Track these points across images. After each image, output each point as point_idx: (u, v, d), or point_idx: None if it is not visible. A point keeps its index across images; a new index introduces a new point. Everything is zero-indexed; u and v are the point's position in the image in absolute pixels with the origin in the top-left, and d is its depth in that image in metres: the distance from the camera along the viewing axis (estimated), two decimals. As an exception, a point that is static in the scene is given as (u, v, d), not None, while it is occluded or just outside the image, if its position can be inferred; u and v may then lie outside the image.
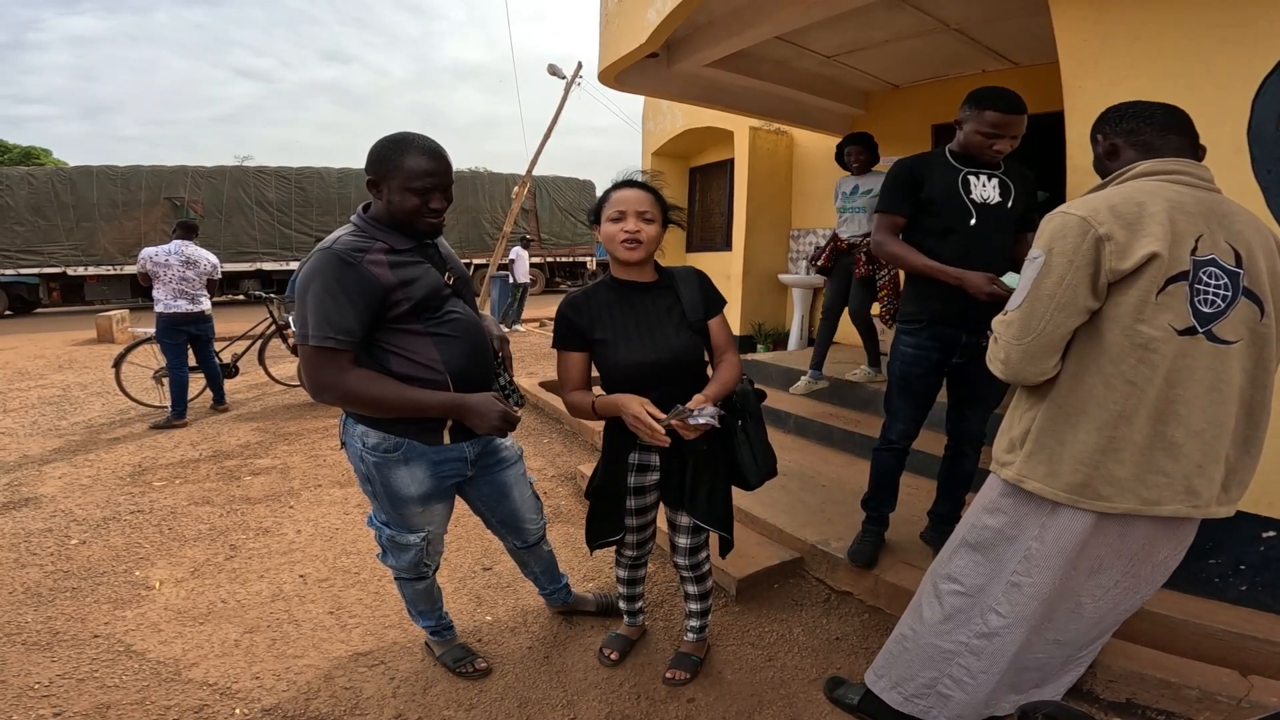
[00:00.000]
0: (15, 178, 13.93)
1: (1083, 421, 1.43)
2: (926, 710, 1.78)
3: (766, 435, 2.01)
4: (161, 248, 5.21)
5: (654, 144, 8.01)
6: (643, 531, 2.12)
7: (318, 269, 1.65)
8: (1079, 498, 1.44)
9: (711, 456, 1.92)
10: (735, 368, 1.90)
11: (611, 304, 1.88)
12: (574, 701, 2.09)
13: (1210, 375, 1.36)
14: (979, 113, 2.24)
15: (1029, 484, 1.51)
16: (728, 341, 1.94)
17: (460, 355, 1.82)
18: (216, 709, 2.04)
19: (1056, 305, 1.39)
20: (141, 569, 2.91)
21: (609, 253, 1.85)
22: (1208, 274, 1.33)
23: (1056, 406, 1.48)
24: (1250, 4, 2.06)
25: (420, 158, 1.70)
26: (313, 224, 15.80)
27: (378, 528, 1.99)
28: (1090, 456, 1.42)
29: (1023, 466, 1.52)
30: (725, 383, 1.86)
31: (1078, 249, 1.36)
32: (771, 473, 2.00)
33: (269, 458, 4.49)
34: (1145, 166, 1.46)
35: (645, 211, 1.78)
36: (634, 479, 1.99)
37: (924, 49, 4.51)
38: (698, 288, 1.92)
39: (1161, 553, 1.53)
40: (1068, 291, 1.38)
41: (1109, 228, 1.33)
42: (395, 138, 1.73)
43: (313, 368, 1.68)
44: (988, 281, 2.15)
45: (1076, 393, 1.45)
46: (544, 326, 11.61)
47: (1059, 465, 1.46)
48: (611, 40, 4.18)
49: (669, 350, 1.83)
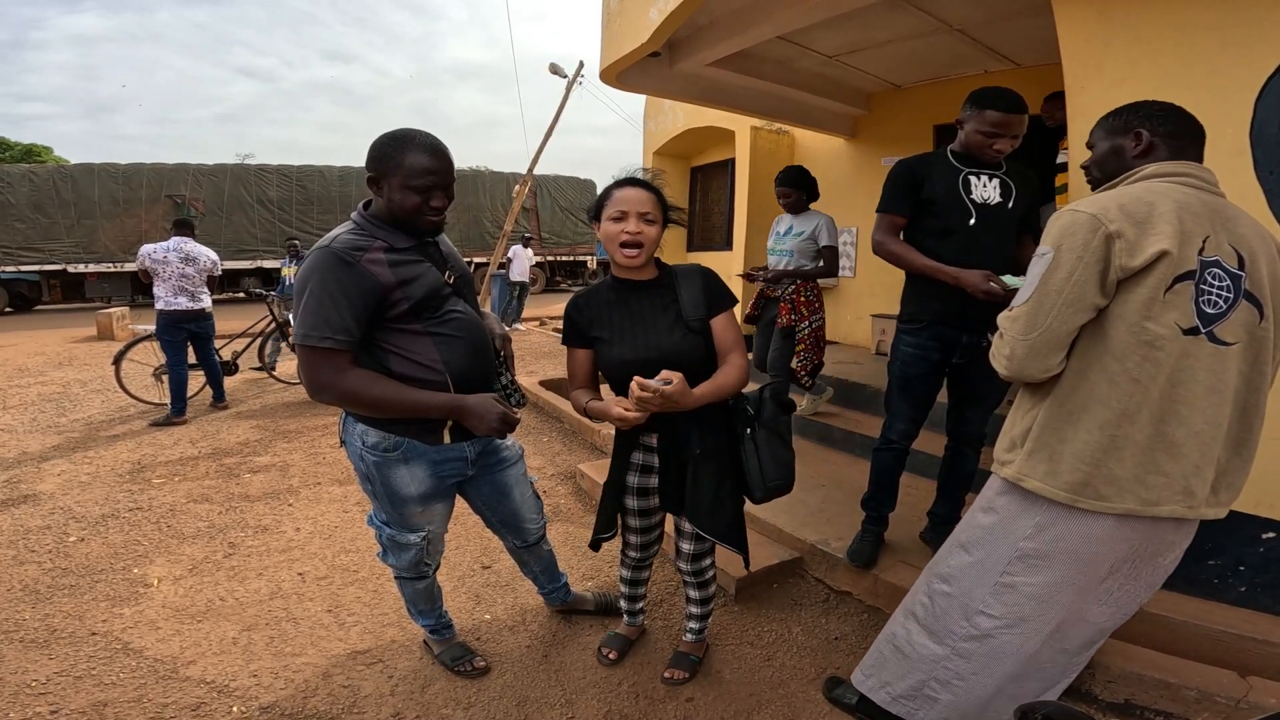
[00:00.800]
0: (17, 175, 13.94)
1: (1085, 419, 1.43)
2: (912, 712, 1.78)
3: (785, 449, 1.92)
4: (160, 245, 5.20)
5: (655, 143, 8.00)
6: (646, 534, 2.10)
7: (315, 267, 1.64)
8: (1078, 497, 1.44)
9: (716, 463, 1.88)
10: (737, 370, 1.82)
11: (611, 303, 1.88)
12: (572, 700, 2.09)
13: (1210, 376, 1.36)
14: (980, 112, 2.25)
15: (1028, 482, 1.50)
16: (733, 343, 1.85)
17: (461, 355, 1.81)
18: (214, 707, 2.03)
19: (1064, 301, 1.39)
20: (140, 566, 2.90)
21: (608, 252, 1.84)
22: (1212, 275, 1.34)
23: (1059, 404, 1.47)
24: (1253, 6, 2.05)
25: (422, 155, 1.68)
26: (313, 222, 15.83)
27: (378, 527, 1.98)
28: (1092, 455, 1.42)
29: (1023, 465, 1.51)
30: (720, 385, 1.78)
31: (1087, 245, 1.35)
32: (781, 488, 1.91)
33: (268, 455, 4.49)
34: (1154, 168, 1.46)
35: (647, 213, 1.76)
36: (636, 479, 1.99)
37: (926, 49, 4.50)
38: (700, 286, 1.85)
39: (1163, 555, 1.53)
40: (1075, 288, 1.38)
41: (1119, 225, 1.33)
42: (396, 134, 1.71)
43: (310, 368, 1.67)
44: (984, 279, 2.14)
45: (1080, 390, 1.44)
46: (544, 325, 11.60)
47: (1059, 464, 1.45)
48: (613, 39, 4.17)
49: (657, 349, 1.79)
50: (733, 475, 1.92)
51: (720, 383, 1.79)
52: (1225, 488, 1.46)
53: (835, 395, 4.50)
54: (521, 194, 10.71)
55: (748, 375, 1.86)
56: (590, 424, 4.83)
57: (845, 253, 6.17)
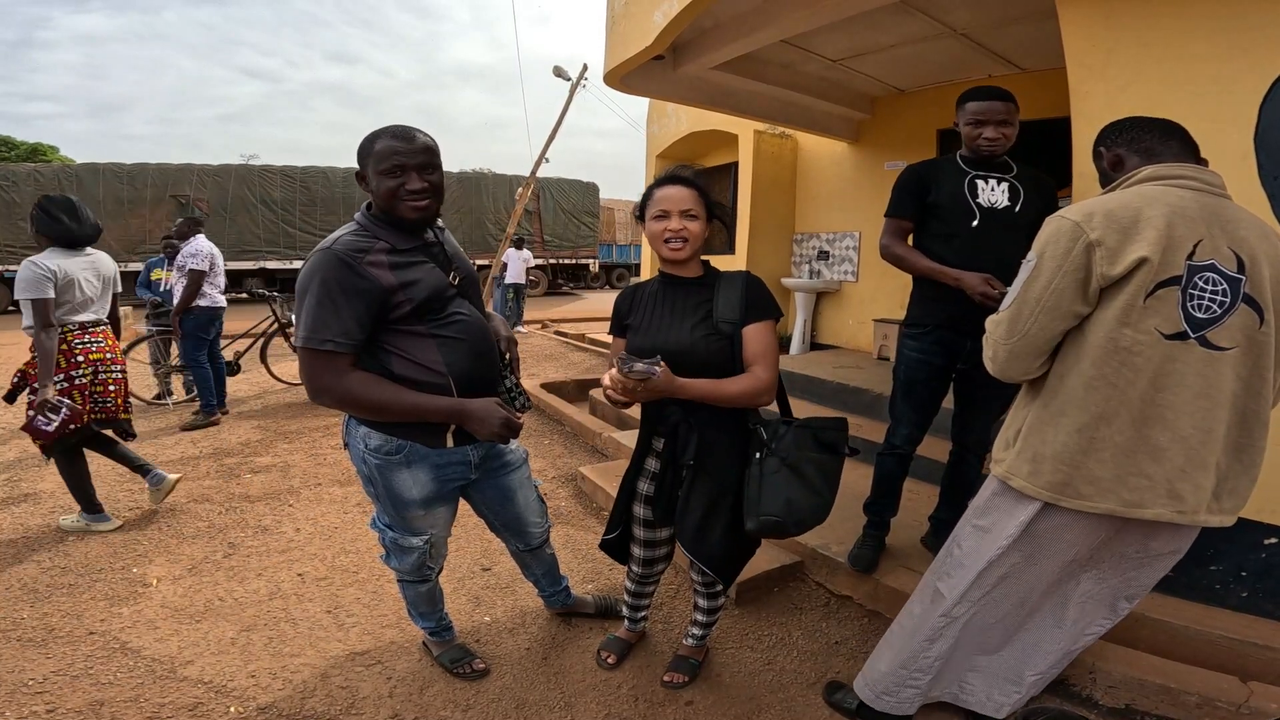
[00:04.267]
0: (22, 174, 14.00)
1: (1063, 422, 1.46)
2: (897, 706, 1.84)
3: (797, 487, 1.75)
4: (205, 243, 5.18)
5: (658, 147, 8.02)
6: (651, 548, 2.07)
7: (317, 269, 1.63)
8: (1059, 495, 1.47)
9: (713, 482, 1.82)
10: (753, 381, 1.74)
11: (654, 294, 1.90)
12: (571, 703, 2.08)
13: (1200, 381, 1.36)
14: (961, 108, 2.35)
15: (1015, 481, 1.54)
16: (759, 355, 1.76)
17: (464, 358, 1.80)
18: (211, 707, 2.03)
19: (1042, 309, 1.42)
20: (139, 566, 2.90)
21: (655, 250, 1.84)
22: (1204, 279, 1.33)
23: (1043, 406, 1.51)
24: (1258, 12, 2.05)
25: (389, 139, 1.69)
26: (317, 223, 15.86)
27: (381, 530, 1.97)
28: (1071, 456, 1.44)
29: (1012, 464, 1.56)
30: (721, 387, 1.72)
31: (1067, 254, 1.38)
32: (776, 526, 1.74)
33: (269, 456, 4.49)
34: (1149, 171, 1.46)
35: (689, 209, 1.77)
36: (645, 486, 1.97)
37: (930, 53, 4.51)
38: (741, 291, 1.81)
39: (1151, 564, 1.56)
40: (1053, 296, 1.41)
41: (1100, 233, 1.35)
42: (377, 129, 1.74)
43: (311, 371, 1.66)
44: (982, 282, 2.15)
45: (1060, 393, 1.47)
46: (546, 328, 11.60)
47: (1041, 464, 1.49)
48: (617, 42, 4.18)
49: (674, 343, 1.76)
50: (731, 499, 1.84)
51: (724, 385, 1.73)
52: (1228, 494, 1.45)
53: (835, 400, 4.50)
54: (524, 196, 10.73)
55: (768, 392, 1.77)
56: (592, 428, 4.83)
57: (848, 257, 6.18)
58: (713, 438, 1.82)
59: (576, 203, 19.50)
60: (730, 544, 1.88)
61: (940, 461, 2.75)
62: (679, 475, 1.88)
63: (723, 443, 1.83)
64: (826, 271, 6.42)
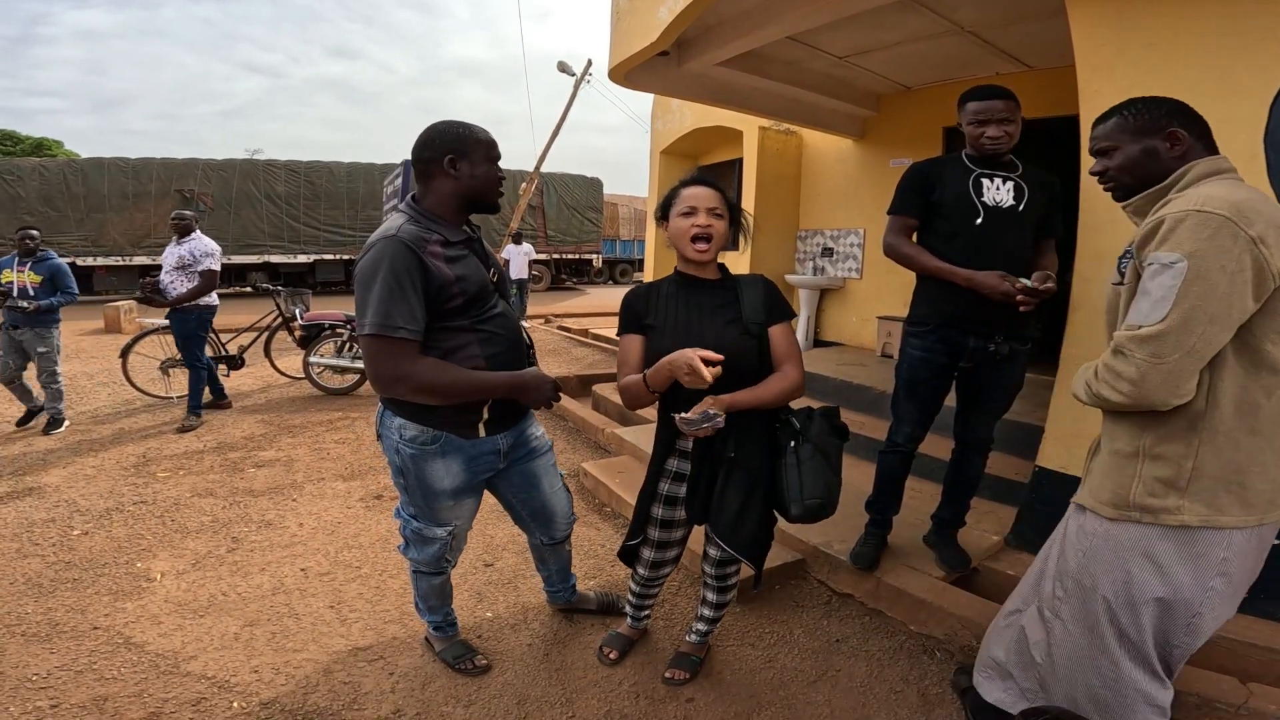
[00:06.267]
0: (27, 169, 14.04)
1: (1249, 441, 1.32)
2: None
3: (829, 471, 1.85)
4: (214, 242, 5.17)
5: (662, 143, 8.00)
6: (662, 549, 2.07)
7: (384, 256, 1.62)
8: (1264, 516, 1.35)
9: (747, 474, 1.86)
10: (787, 381, 1.80)
11: (672, 295, 1.90)
12: (573, 699, 2.08)
13: None
14: (962, 108, 2.34)
15: (1220, 520, 1.34)
16: (788, 353, 1.84)
17: (502, 352, 1.84)
18: (214, 702, 2.04)
19: (1209, 318, 1.23)
20: (143, 560, 2.91)
21: (677, 249, 1.85)
22: None
23: (1225, 435, 1.32)
24: (1267, 13, 2.04)
25: (486, 134, 1.81)
26: (320, 218, 15.91)
27: (405, 519, 1.99)
28: (1266, 471, 1.32)
29: (1205, 509, 1.34)
30: (762, 393, 1.77)
31: (1233, 254, 1.21)
32: (820, 508, 1.84)
33: (273, 450, 4.50)
34: (1206, 166, 1.37)
35: (715, 208, 1.80)
36: (668, 486, 1.98)
37: (936, 51, 4.48)
38: (762, 293, 1.87)
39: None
40: (1223, 301, 1.22)
41: (1260, 228, 1.21)
42: (453, 121, 1.81)
43: (384, 359, 1.64)
44: (1000, 279, 2.13)
45: (1257, 414, 1.32)
46: (549, 323, 11.61)
47: (1250, 494, 1.32)
48: (622, 38, 4.17)
49: (713, 345, 1.74)
50: (764, 490, 1.89)
51: (763, 392, 1.77)
52: None
53: (838, 397, 4.49)
54: (528, 192, 10.72)
55: (801, 388, 1.82)
56: (594, 423, 4.83)
57: (852, 254, 6.16)
58: (748, 433, 1.85)
59: (580, 198, 19.48)
60: (761, 533, 1.93)
61: (943, 459, 2.75)
62: (715, 470, 1.89)
63: (754, 435, 1.87)
64: (830, 268, 6.41)
